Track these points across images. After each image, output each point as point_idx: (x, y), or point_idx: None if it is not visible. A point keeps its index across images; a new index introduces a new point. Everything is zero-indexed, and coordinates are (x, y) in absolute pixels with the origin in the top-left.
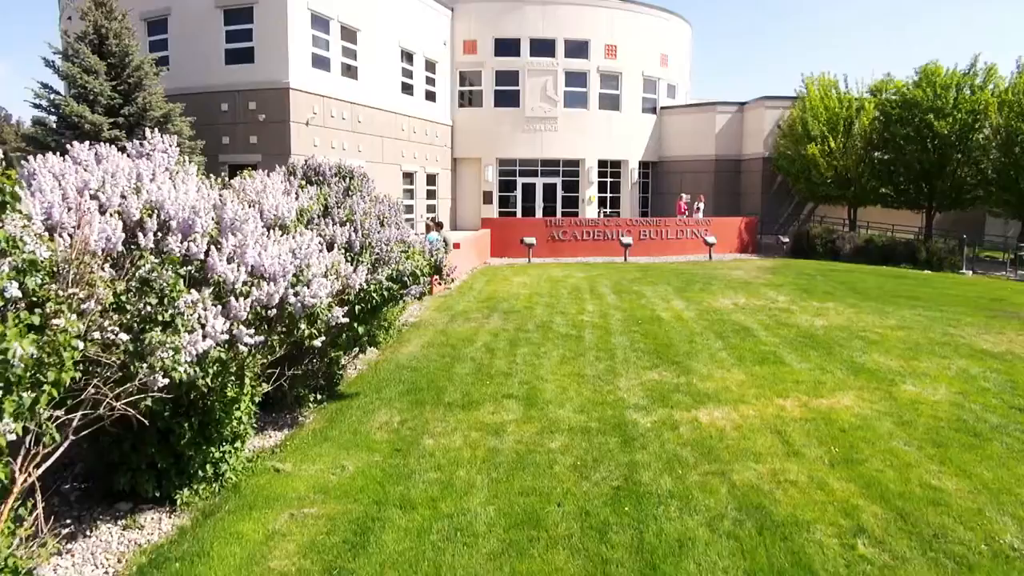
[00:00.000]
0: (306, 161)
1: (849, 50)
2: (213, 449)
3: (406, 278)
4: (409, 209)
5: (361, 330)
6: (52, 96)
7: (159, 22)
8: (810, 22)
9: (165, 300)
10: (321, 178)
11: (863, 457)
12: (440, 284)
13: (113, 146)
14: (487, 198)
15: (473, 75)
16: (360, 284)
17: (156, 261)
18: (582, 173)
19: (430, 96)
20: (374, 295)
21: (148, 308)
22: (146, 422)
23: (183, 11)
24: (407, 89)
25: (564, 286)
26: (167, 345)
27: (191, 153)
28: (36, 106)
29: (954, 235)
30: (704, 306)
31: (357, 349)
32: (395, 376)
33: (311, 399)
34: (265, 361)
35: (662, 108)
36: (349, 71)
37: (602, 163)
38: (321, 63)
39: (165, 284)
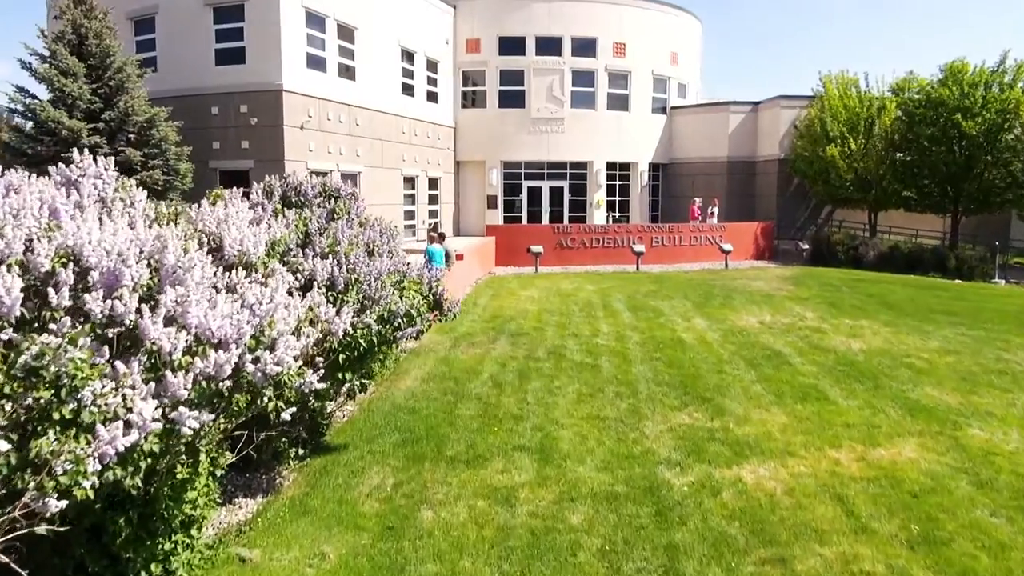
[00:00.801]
0: (285, 179)
1: (865, 48)
2: (161, 541)
3: (399, 319)
4: (410, 215)
5: (348, 377)
6: (28, 100)
7: (146, 21)
8: (822, 20)
9: (64, 391)
10: (303, 199)
11: (946, 535)
12: (441, 320)
13: (34, 174)
14: (491, 202)
15: (476, 75)
16: (344, 329)
17: (47, 341)
18: (590, 176)
19: (432, 97)
20: (361, 341)
21: (41, 401)
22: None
23: (171, 9)
24: (408, 90)
25: (575, 301)
26: (64, 455)
27: (177, 159)
28: (12, 111)
29: (980, 240)
30: (728, 325)
31: (345, 396)
32: (390, 421)
33: (291, 454)
34: (229, 426)
35: (672, 108)
36: (346, 72)
37: (611, 165)
38: (317, 63)
39: (64, 370)
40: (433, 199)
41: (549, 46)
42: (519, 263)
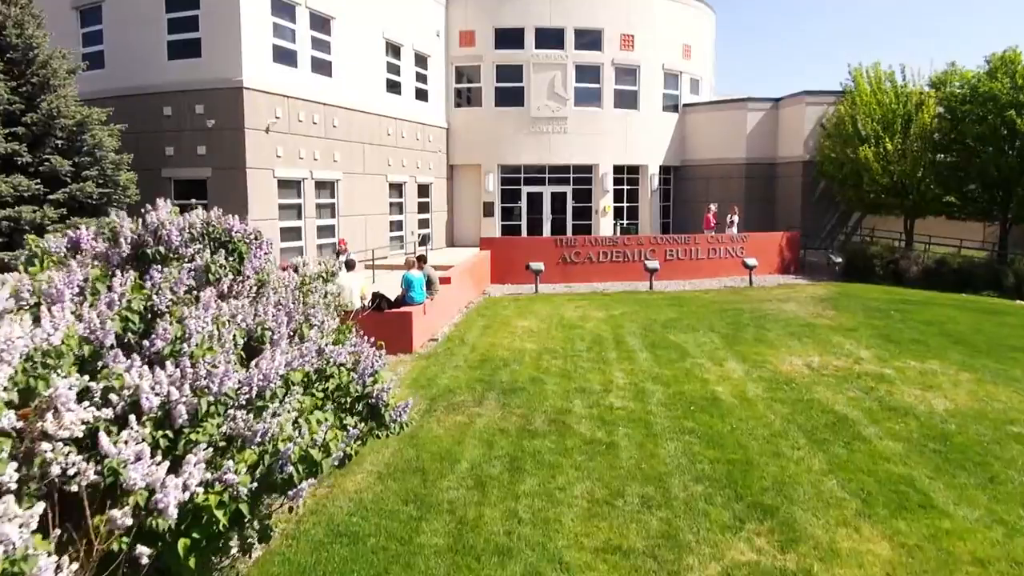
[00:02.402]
0: (143, 219)
1: (885, 40)
2: None
3: (279, 476)
4: (397, 225)
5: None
6: None
7: (92, 10)
8: (840, 12)
9: None
10: (167, 248)
11: None
12: (378, 436)
13: None
14: (488, 210)
15: (471, 70)
16: (179, 501)
17: None
18: (595, 180)
19: (421, 95)
20: (216, 514)
21: None
22: None
23: None
24: (393, 87)
25: (581, 335)
26: None
27: (116, 169)
28: None
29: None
30: (769, 371)
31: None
32: (319, 563)
33: None
34: None
35: (685, 106)
36: (321, 67)
37: (618, 168)
38: (285, 57)
39: None
40: (423, 207)
41: (550, 38)
42: (517, 280)
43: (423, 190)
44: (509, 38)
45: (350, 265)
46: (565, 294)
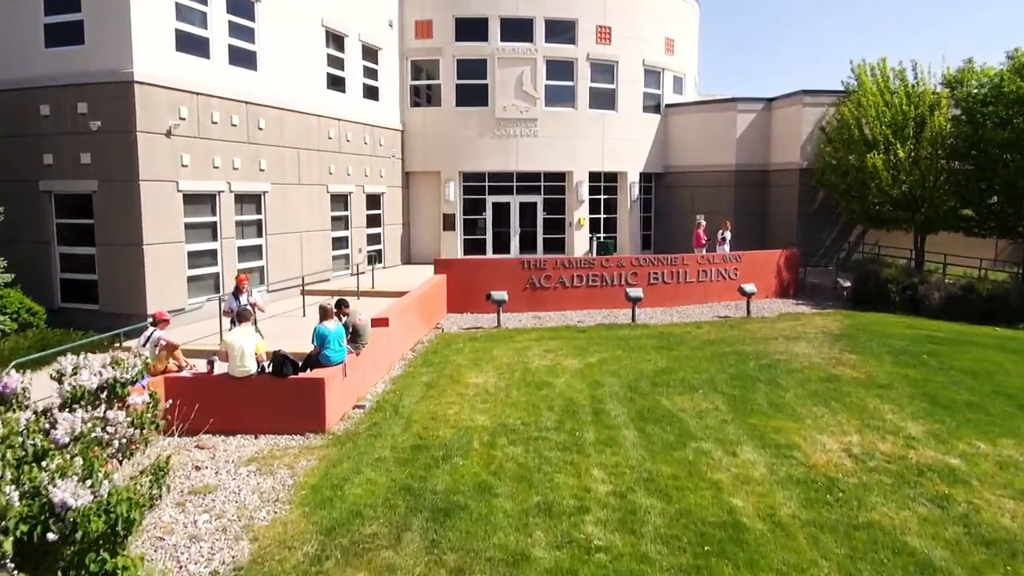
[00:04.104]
0: None
1: (895, 36)
2: None
3: None
4: (341, 243)
5: None
6: None
7: None
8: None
9: None
10: None
11: None
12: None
13: None
14: (448, 223)
15: (429, 65)
16: None
17: None
18: (569, 189)
19: (371, 93)
20: None
21: None
22: None
23: None
24: (336, 83)
25: (550, 399)
26: None
27: None
28: None
29: None
30: (799, 462)
31: None
32: None
33: None
34: None
35: (668, 106)
36: (243, 58)
37: (594, 176)
38: (193, 45)
39: None
40: (374, 221)
41: (518, 30)
42: (478, 308)
43: (373, 201)
44: (471, 29)
45: (242, 316)
46: (533, 329)
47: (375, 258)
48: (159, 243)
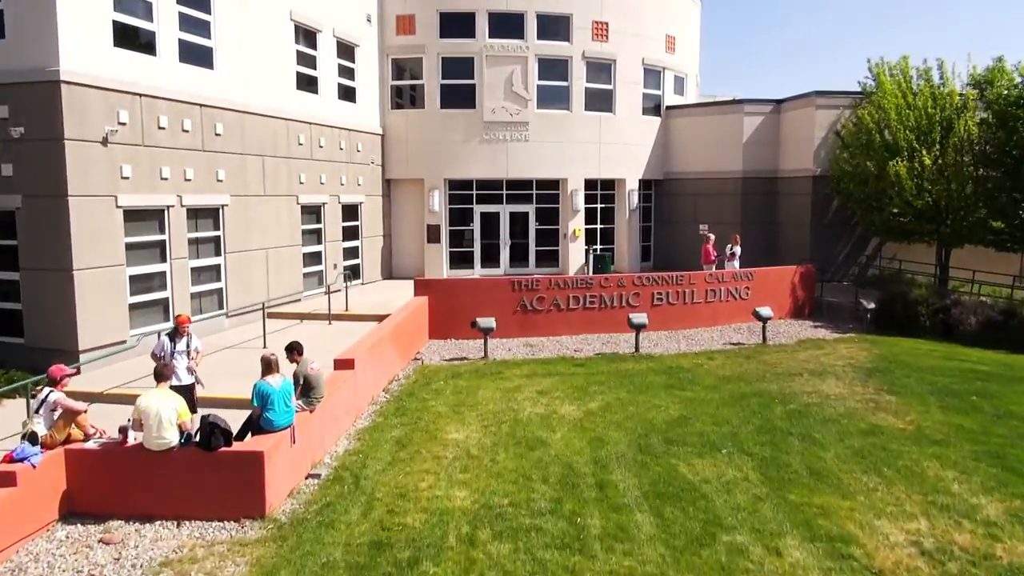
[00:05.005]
0: None
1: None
2: None
3: None
4: (314, 259)
5: None
6: None
7: None
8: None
9: None
10: None
11: None
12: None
13: None
14: (433, 234)
15: (412, 63)
16: None
17: None
18: (563, 198)
19: (347, 94)
20: None
21: None
22: None
23: None
24: (308, 83)
25: (543, 467)
26: None
27: None
28: None
29: None
30: (862, 568)
31: None
32: None
33: None
34: None
35: (669, 108)
36: (197, 55)
37: (590, 184)
38: (136, 40)
39: None
40: (351, 233)
41: (507, 25)
42: (462, 333)
43: (350, 212)
44: (457, 24)
45: (160, 375)
46: (524, 361)
47: (350, 276)
48: (93, 267)
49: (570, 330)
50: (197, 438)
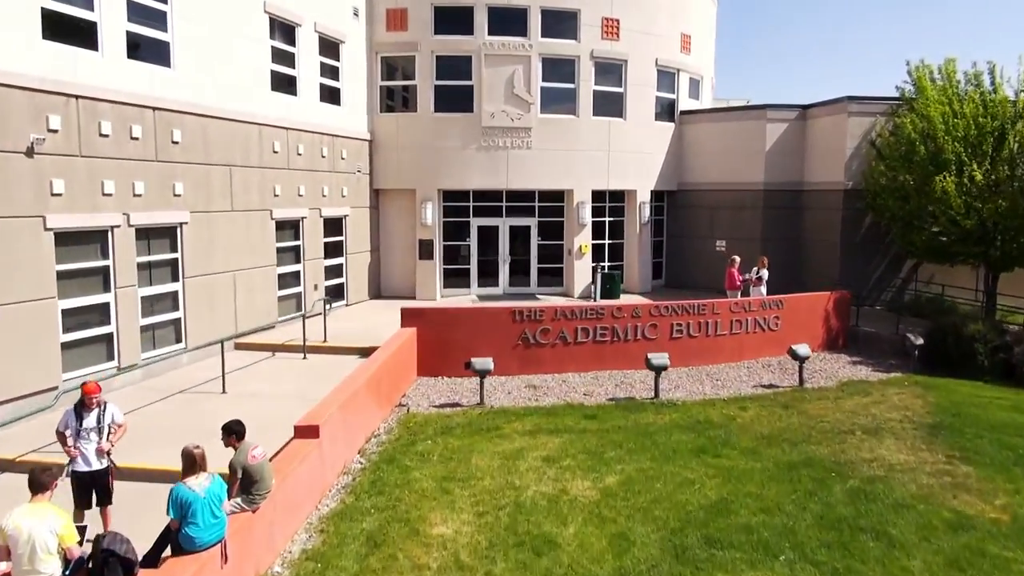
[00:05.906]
0: None
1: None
2: None
3: None
4: (291, 280)
5: None
6: None
7: None
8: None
9: None
10: None
11: None
12: None
13: None
14: (426, 250)
15: (403, 62)
16: None
17: None
18: (568, 211)
19: (331, 95)
20: None
21: None
22: None
23: None
24: (285, 83)
25: None
26: None
27: None
28: None
29: None
30: None
31: None
32: None
33: None
34: None
35: (683, 113)
36: (148, 50)
37: (598, 195)
38: (68, 31)
39: None
40: (334, 250)
41: (509, 22)
42: (455, 371)
43: (333, 226)
44: (454, 20)
45: (37, 484)
46: (526, 411)
47: (330, 301)
48: (12, 302)
49: (578, 367)
50: (90, 566)
